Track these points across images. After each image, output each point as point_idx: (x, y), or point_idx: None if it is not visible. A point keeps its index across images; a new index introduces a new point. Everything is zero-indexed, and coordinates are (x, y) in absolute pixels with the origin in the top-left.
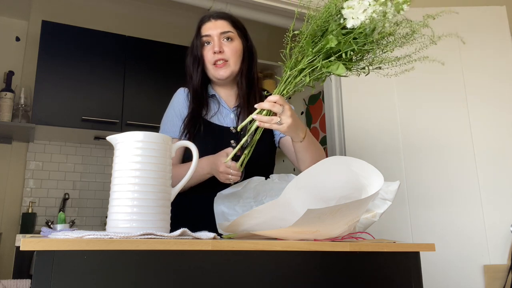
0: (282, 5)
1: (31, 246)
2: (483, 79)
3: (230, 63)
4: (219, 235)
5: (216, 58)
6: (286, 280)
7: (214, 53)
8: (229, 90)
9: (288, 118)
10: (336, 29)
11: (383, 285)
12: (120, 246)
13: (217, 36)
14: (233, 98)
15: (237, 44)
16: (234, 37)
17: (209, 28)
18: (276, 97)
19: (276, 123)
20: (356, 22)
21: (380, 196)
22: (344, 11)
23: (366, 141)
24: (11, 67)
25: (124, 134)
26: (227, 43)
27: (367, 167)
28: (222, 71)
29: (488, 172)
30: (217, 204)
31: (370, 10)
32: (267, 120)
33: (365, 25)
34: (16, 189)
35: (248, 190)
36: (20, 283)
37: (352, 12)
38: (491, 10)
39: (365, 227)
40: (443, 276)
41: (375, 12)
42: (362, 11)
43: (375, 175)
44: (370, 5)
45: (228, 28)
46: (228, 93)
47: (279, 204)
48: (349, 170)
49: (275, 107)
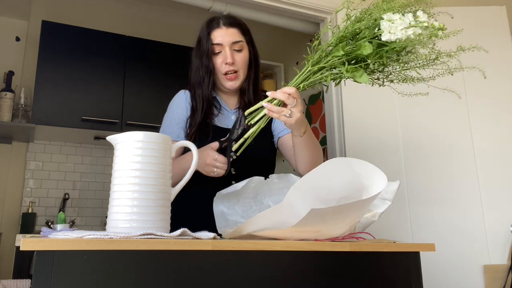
0: (282, 5)
1: (31, 246)
2: (483, 79)
3: (240, 74)
4: (219, 235)
5: (228, 69)
6: (286, 280)
7: (226, 64)
8: (230, 93)
9: (298, 112)
10: (368, 36)
11: (383, 285)
12: (120, 246)
13: (228, 46)
14: (234, 100)
15: (246, 54)
16: (244, 47)
17: (221, 36)
18: (292, 89)
19: (286, 115)
20: (392, 37)
21: (380, 196)
22: (383, 22)
23: (366, 141)
24: (11, 67)
25: (124, 134)
26: (237, 53)
27: (369, 167)
28: (232, 83)
29: (488, 172)
30: (217, 204)
31: (410, 31)
32: (277, 111)
33: (401, 43)
34: (16, 189)
35: (248, 190)
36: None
37: (391, 26)
38: (491, 10)
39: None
40: (443, 276)
41: (414, 34)
42: (402, 28)
43: (378, 176)
44: (411, 24)
45: (239, 38)
46: (229, 95)
47: (282, 208)
48: (351, 171)
49: (289, 99)
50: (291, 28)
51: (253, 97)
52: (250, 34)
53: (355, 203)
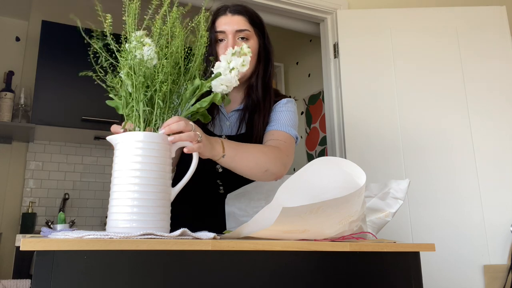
0: (282, 5)
1: (31, 246)
2: (483, 79)
3: None
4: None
5: None
6: (286, 280)
7: None
8: (233, 92)
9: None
10: None
11: (383, 285)
12: (120, 246)
13: (232, 34)
14: (235, 101)
15: (252, 44)
16: (250, 36)
17: (225, 23)
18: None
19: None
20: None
21: (392, 195)
22: None
23: (366, 141)
24: (11, 67)
25: (124, 134)
26: (242, 42)
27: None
28: None
29: (488, 172)
30: (228, 205)
31: None
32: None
33: None
34: (16, 189)
35: (259, 191)
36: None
37: None
38: (491, 10)
39: (379, 227)
40: (443, 276)
41: None
42: None
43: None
44: None
45: (244, 26)
46: (231, 94)
47: (272, 208)
48: (342, 171)
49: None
50: (291, 28)
51: (261, 95)
52: (262, 26)
53: (331, 201)
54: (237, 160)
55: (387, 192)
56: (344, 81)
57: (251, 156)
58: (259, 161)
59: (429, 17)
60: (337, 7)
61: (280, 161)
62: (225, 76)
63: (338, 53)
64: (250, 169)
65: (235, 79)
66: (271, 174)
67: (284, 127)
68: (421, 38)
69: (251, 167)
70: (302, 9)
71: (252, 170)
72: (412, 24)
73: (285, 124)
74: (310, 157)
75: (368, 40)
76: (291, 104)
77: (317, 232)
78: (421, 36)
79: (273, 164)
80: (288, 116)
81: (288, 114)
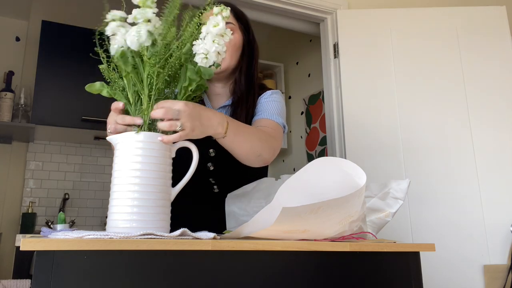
0: (282, 5)
1: (31, 246)
2: (483, 79)
3: (226, 56)
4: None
5: None
6: (286, 280)
7: None
8: (220, 88)
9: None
10: None
11: (383, 285)
12: (120, 246)
13: None
14: (223, 97)
15: (236, 37)
16: (235, 29)
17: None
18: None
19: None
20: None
21: (392, 195)
22: None
23: (366, 141)
24: (11, 67)
25: (124, 134)
26: None
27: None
28: None
29: (488, 172)
30: (228, 205)
31: None
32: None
33: None
34: (16, 189)
35: (259, 190)
36: (20, 283)
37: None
38: (491, 10)
39: (379, 227)
40: (443, 276)
41: None
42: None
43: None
44: None
45: (229, 19)
46: (219, 91)
47: (273, 208)
48: (342, 172)
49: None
50: (291, 28)
51: (245, 90)
52: (246, 22)
53: (331, 201)
54: (235, 142)
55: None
56: (344, 81)
57: (248, 140)
58: (254, 146)
59: (429, 17)
60: (337, 7)
61: (272, 148)
62: (203, 44)
63: (338, 53)
64: (246, 153)
65: (213, 48)
66: (262, 159)
67: (271, 115)
68: (421, 38)
69: (246, 152)
70: (302, 9)
71: (248, 155)
72: (412, 24)
73: (272, 113)
74: (310, 157)
75: (368, 40)
76: (276, 95)
77: (317, 232)
78: (421, 36)
79: (266, 150)
80: (274, 106)
81: (274, 104)
